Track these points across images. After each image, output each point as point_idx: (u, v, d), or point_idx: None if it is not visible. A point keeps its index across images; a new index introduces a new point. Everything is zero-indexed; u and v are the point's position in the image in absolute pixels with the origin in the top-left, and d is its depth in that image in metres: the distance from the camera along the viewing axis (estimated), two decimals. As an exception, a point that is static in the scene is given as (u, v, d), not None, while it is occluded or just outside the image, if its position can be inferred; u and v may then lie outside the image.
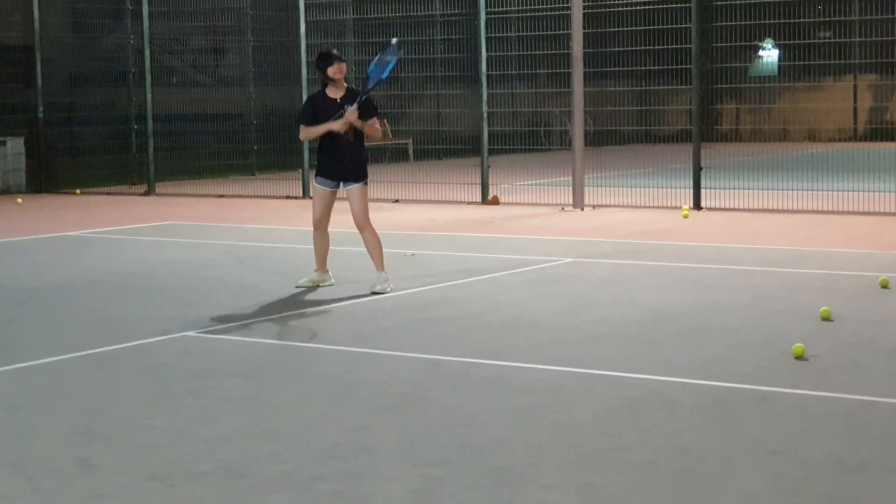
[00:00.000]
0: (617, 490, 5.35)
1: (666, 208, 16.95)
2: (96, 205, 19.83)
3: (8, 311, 10.18)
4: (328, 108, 10.48)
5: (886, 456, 5.76)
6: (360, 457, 5.90)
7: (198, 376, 7.70)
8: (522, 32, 21.11)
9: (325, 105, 10.53)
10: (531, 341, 8.49)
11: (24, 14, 22.72)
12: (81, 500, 5.33)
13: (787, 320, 9.02)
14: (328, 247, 10.91)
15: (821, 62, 22.88)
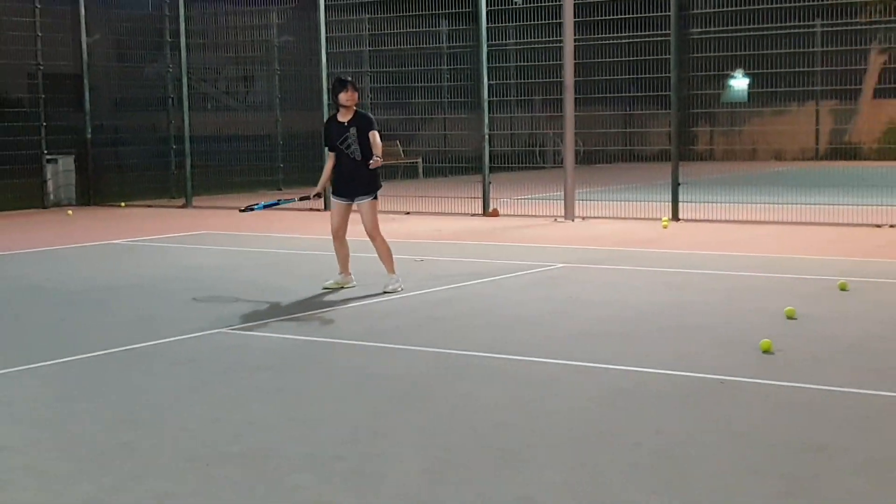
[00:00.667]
0: (605, 468, 5.36)
1: (648, 220, 16.94)
2: (139, 216, 19.85)
3: (59, 311, 10.19)
4: (338, 131, 10.59)
5: (843, 439, 5.77)
6: (376, 440, 5.91)
7: (230, 369, 7.71)
8: (520, 63, 21.13)
9: (336, 128, 10.63)
10: (528, 337, 8.50)
11: (73, 46, 22.76)
12: (124, 479, 5.33)
13: (756, 319, 9.01)
14: (348, 252, 10.93)
15: (786, 89, 22.88)
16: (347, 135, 10.49)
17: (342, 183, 10.70)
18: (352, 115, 10.57)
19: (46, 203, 21.79)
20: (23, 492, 5.18)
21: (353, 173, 10.59)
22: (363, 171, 10.53)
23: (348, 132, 10.49)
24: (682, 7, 17.43)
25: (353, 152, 10.49)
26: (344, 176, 10.66)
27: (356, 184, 10.63)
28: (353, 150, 10.49)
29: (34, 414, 6.56)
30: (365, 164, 10.47)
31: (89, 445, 5.88)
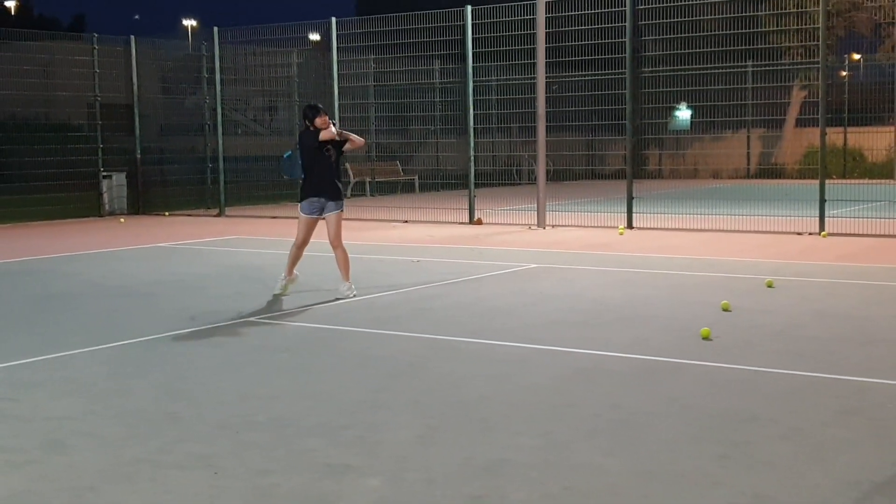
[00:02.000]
0: (570, 435, 5.35)
1: (606, 228, 16.96)
2: (180, 223, 19.81)
3: (112, 302, 10.16)
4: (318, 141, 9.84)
5: (771, 410, 5.77)
6: (377, 411, 5.90)
7: (256, 351, 7.69)
8: (500, 96, 21.16)
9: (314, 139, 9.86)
10: (505, 325, 8.49)
11: (126, 80, 22.72)
12: (169, 443, 5.32)
13: (697, 310, 9.02)
14: (300, 258, 10.17)
15: (722, 119, 22.94)
16: (328, 144, 9.86)
17: (317, 192, 9.90)
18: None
19: (102, 212, 21.74)
20: (83, 453, 5.16)
21: (326, 175, 9.87)
22: (334, 178, 9.96)
23: (328, 145, 9.88)
24: (635, 50, 17.45)
25: (332, 154, 9.89)
26: (317, 177, 9.88)
27: (329, 190, 9.89)
28: (331, 153, 9.90)
29: (93, 389, 6.53)
30: (336, 171, 9.95)
31: (139, 415, 5.87)
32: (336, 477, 4.75)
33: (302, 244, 10.13)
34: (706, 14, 18.08)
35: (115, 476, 4.80)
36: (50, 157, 21.30)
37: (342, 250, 10.09)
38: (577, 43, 18.89)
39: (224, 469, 4.88)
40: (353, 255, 13.51)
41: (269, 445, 5.25)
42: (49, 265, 13.26)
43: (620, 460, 4.94)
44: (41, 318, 9.28)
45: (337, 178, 10.10)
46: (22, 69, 21.43)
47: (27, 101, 22.78)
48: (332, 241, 10.07)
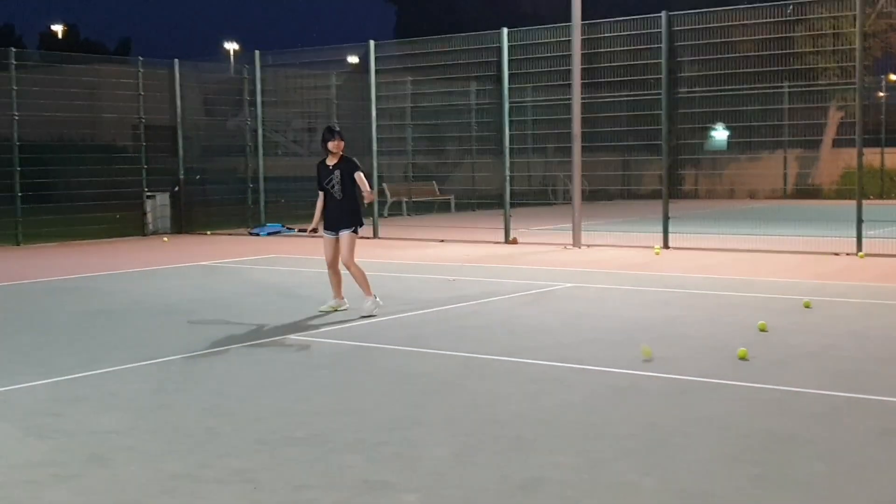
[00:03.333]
0: (606, 454, 5.32)
1: (642, 247, 16.88)
2: (221, 242, 19.97)
3: (155, 319, 10.25)
4: (325, 173, 10.33)
5: (808, 431, 5.71)
6: (414, 428, 5.90)
7: (294, 367, 7.73)
8: (536, 117, 21.17)
9: (324, 172, 10.36)
10: (540, 344, 8.47)
11: (170, 103, 22.99)
12: (209, 458, 5.35)
13: (733, 330, 8.95)
14: (341, 279, 10.46)
15: (759, 139, 22.79)
16: (332, 177, 10.26)
17: (329, 219, 10.39)
18: (338, 160, 10.29)
19: (146, 231, 21.96)
20: (125, 468, 5.20)
21: (337, 210, 10.30)
22: (345, 208, 10.29)
23: (333, 174, 10.25)
24: (671, 71, 17.41)
25: (337, 192, 10.24)
26: (330, 211, 10.36)
27: (339, 219, 10.30)
28: (336, 190, 10.25)
29: (135, 404, 6.59)
30: (346, 201, 10.26)
31: (180, 430, 5.91)
32: (374, 493, 4.76)
33: (330, 264, 10.41)
34: (742, 35, 18.01)
35: (156, 490, 4.83)
36: (95, 178, 21.58)
37: (355, 268, 10.22)
38: (613, 64, 18.87)
39: (263, 484, 4.90)
40: (391, 273, 13.58)
41: (308, 461, 5.26)
42: (94, 283, 13.41)
43: (656, 479, 4.90)
44: (85, 334, 9.38)
45: (347, 207, 10.29)
46: (69, 91, 21.76)
47: (74, 123, 23.13)
48: (343, 260, 10.25)
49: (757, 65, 18.52)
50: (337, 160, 10.32)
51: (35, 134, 22.00)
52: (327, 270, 10.48)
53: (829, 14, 18.46)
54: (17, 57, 20.37)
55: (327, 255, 10.42)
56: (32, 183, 20.51)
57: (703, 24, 17.65)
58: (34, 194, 20.54)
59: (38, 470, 5.16)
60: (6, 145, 19.92)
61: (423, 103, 23.49)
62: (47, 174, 21.77)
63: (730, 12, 17.52)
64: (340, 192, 10.26)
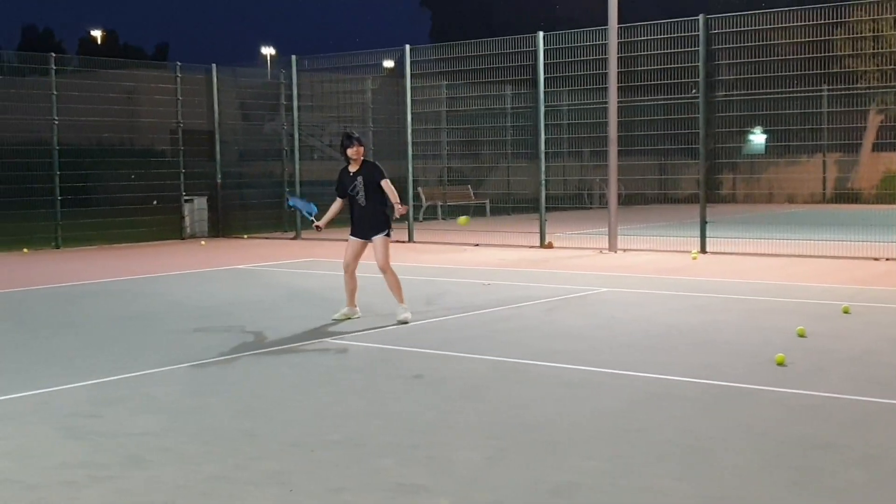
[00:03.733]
0: (639, 460, 5.30)
1: (679, 252, 16.78)
2: (257, 246, 20.10)
3: (192, 322, 10.34)
4: (349, 180, 10.11)
5: (845, 437, 5.66)
6: (447, 431, 5.91)
7: (329, 371, 7.77)
8: (571, 121, 21.13)
9: (347, 179, 10.14)
10: (574, 348, 8.46)
11: (207, 107, 23.18)
12: (245, 460, 5.39)
13: (771, 336, 8.88)
14: (356, 287, 10.26)
15: (798, 143, 22.60)
16: (356, 183, 10.03)
17: (356, 225, 10.19)
18: (359, 166, 10.07)
19: (184, 235, 22.14)
20: (162, 469, 5.26)
21: (363, 216, 10.10)
22: (371, 215, 10.11)
23: (356, 181, 10.03)
24: (708, 74, 17.30)
25: (361, 199, 10.04)
26: (357, 219, 10.17)
27: (368, 225, 10.09)
28: (360, 197, 10.03)
29: (172, 406, 6.66)
30: (371, 207, 10.05)
31: (216, 432, 5.96)
32: (407, 496, 4.77)
33: (347, 267, 10.20)
34: (780, 38, 17.86)
35: (192, 492, 4.88)
36: (134, 182, 21.80)
37: (391, 274, 10.02)
38: (650, 67, 18.79)
39: (298, 486, 4.93)
40: (426, 277, 13.61)
41: (342, 464, 5.29)
42: (132, 286, 13.55)
43: (691, 485, 4.87)
44: (123, 337, 9.48)
45: (374, 214, 10.10)
46: (108, 96, 22.01)
47: (113, 127, 23.38)
48: (379, 265, 10.05)
49: (796, 68, 18.36)
50: (358, 166, 10.09)
51: (75, 138, 22.27)
52: (343, 275, 10.24)
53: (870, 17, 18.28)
54: (57, 62, 20.64)
55: (347, 258, 10.19)
56: (72, 187, 20.76)
57: (742, 27, 17.53)
58: (73, 198, 20.79)
59: (75, 471, 5.22)
60: (46, 150, 20.19)
61: (458, 107, 23.51)
62: (86, 178, 22.02)
63: (768, 15, 17.40)
64: (364, 199, 10.07)
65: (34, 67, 21.97)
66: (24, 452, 5.58)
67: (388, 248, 10.10)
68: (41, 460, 5.43)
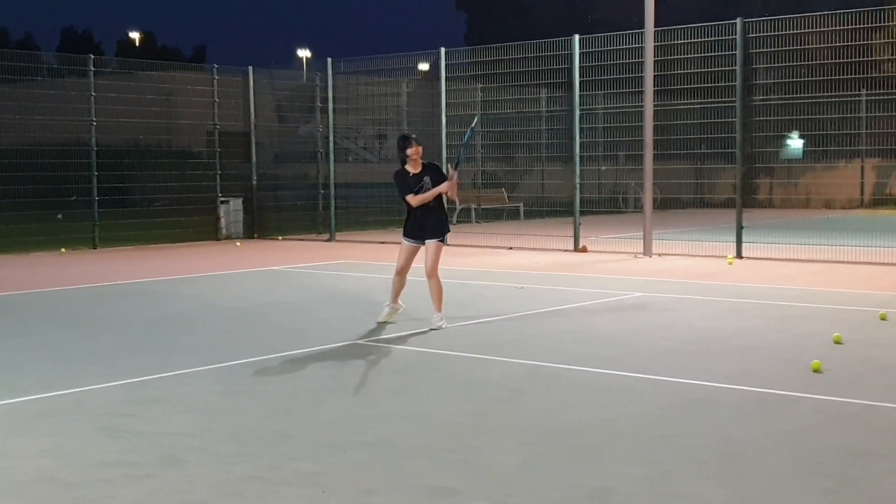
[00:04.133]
0: (677, 466, 5.26)
1: (715, 257, 16.66)
2: (292, 247, 20.18)
3: (227, 322, 10.40)
4: (414, 181, 9.74)
5: (885, 445, 5.58)
6: (482, 435, 5.89)
7: (363, 373, 7.77)
8: (607, 124, 21.04)
9: (409, 180, 9.76)
10: (610, 353, 8.41)
11: (244, 109, 23.32)
12: (279, 461, 5.41)
13: (808, 342, 8.78)
14: (404, 286, 10.10)
15: (836, 148, 22.38)
16: (423, 184, 9.69)
17: (415, 227, 9.85)
18: (421, 167, 9.79)
19: (219, 236, 22.29)
20: (196, 468, 5.28)
21: (426, 218, 9.79)
22: (435, 217, 9.81)
23: (423, 182, 9.69)
24: (745, 78, 17.17)
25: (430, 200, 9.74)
26: (417, 221, 9.82)
27: (428, 227, 9.80)
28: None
29: (207, 406, 6.69)
30: (437, 209, 9.82)
31: (250, 432, 5.98)
32: (441, 499, 4.76)
33: (401, 271, 10.04)
34: (819, 42, 17.69)
35: (226, 492, 4.90)
36: (171, 183, 21.97)
37: (436, 280, 9.82)
38: (686, 71, 18.67)
39: (330, 487, 4.93)
40: (459, 280, 13.60)
41: (376, 465, 5.29)
42: (168, 286, 13.65)
43: (728, 492, 4.83)
44: (159, 337, 9.55)
45: (437, 216, 9.86)
46: (145, 98, 22.21)
47: (150, 129, 23.59)
48: (427, 269, 9.84)
49: (834, 72, 18.17)
50: (420, 167, 9.79)
51: (112, 139, 22.48)
52: (394, 277, 10.08)
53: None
54: (96, 63, 20.84)
55: (401, 264, 9.97)
56: (109, 187, 20.96)
57: (779, 31, 17.38)
58: (111, 198, 20.99)
59: (111, 469, 5.26)
60: (84, 150, 20.40)
61: (493, 110, 23.49)
62: (124, 179, 22.22)
63: (806, 19, 17.23)
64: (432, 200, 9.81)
65: (73, 69, 22.21)
66: (62, 450, 5.63)
67: (439, 255, 9.88)
68: (78, 458, 5.47)
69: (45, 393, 7.06)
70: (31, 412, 6.53)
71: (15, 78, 20.67)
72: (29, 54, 21.53)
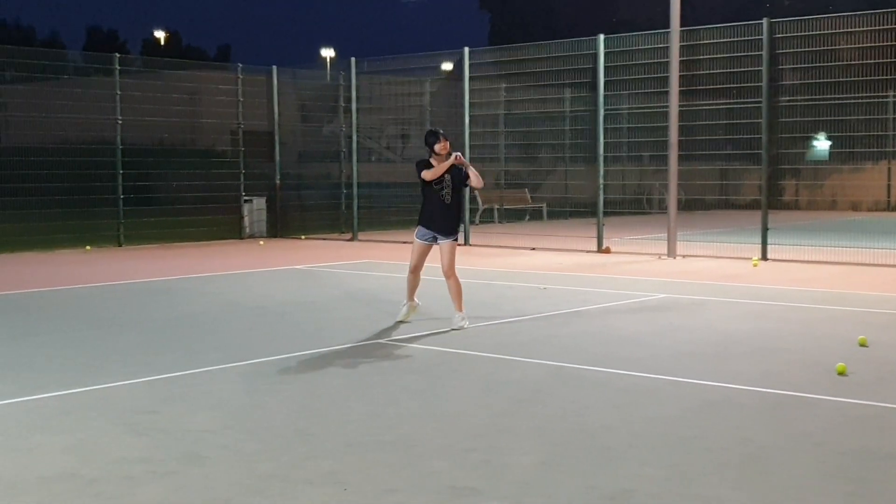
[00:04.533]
0: (696, 468, 5.27)
1: (740, 259, 16.60)
2: (315, 247, 20.26)
3: (249, 321, 10.46)
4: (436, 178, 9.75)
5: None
6: (502, 435, 5.92)
7: (385, 372, 7.81)
8: (631, 124, 21.00)
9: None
10: (632, 355, 8.41)
11: (268, 109, 23.43)
12: (300, 459, 5.45)
13: (831, 345, 8.75)
14: (418, 283, 10.11)
15: (862, 150, 22.24)
16: (443, 180, 9.72)
17: (428, 223, 9.84)
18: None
19: (242, 235, 22.39)
20: (219, 466, 5.33)
21: (442, 215, 9.77)
22: (451, 216, 9.81)
23: (444, 178, 9.71)
24: (772, 79, 17.09)
25: (446, 196, 9.75)
26: (432, 217, 9.81)
27: (441, 226, 9.79)
28: (445, 195, 9.74)
29: (229, 404, 6.75)
30: (454, 208, 9.78)
31: (272, 431, 6.03)
32: (460, 499, 4.79)
33: (414, 269, 10.05)
34: (846, 43, 17.59)
35: (248, 489, 4.94)
36: (195, 181, 22.10)
37: (454, 280, 9.83)
38: (712, 71, 18.61)
39: (352, 486, 4.97)
40: (482, 280, 13.62)
41: (396, 465, 5.32)
42: (191, 285, 13.75)
43: (748, 494, 4.83)
44: (183, 334, 9.63)
45: (450, 214, 9.84)
46: (170, 97, 22.36)
47: (175, 128, 23.75)
48: (444, 269, 9.84)
49: (861, 73, 18.06)
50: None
51: (137, 138, 22.66)
52: (408, 275, 10.09)
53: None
54: (121, 62, 21.00)
55: (414, 262, 10.00)
56: (134, 186, 21.11)
57: (806, 31, 17.29)
58: (136, 197, 21.15)
59: (133, 466, 5.32)
60: (110, 149, 20.56)
61: (516, 110, 23.49)
62: (148, 177, 22.38)
63: (833, 19, 17.14)
64: (450, 198, 9.80)
65: (99, 67, 22.39)
66: (85, 447, 5.70)
67: (454, 254, 9.88)
68: (101, 455, 5.54)
69: (69, 390, 7.14)
70: (55, 409, 6.61)
71: (41, 76, 20.89)
72: (55, 53, 21.71)
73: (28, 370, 7.89)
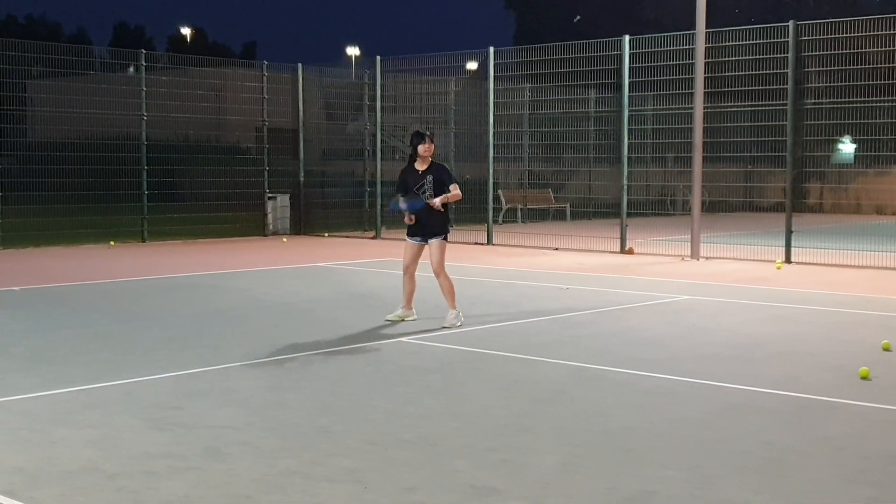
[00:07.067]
0: (718, 471, 5.24)
1: (763, 261, 16.51)
2: (338, 244, 20.31)
3: (273, 318, 10.50)
4: (414, 178, 9.93)
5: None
6: (522, 435, 5.91)
7: (406, 371, 7.82)
8: (656, 126, 20.93)
9: (413, 176, 9.95)
10: (654, 356, 8.38)
11: (292, 106, 23.50)
12: (321, 456, 5.47)
13: (855, 349, 8.69)
14: (414, 289, 10.17)
15: (888, 153, 22.05)
16: (424, 182, 9.84)
17: (416, 225, 9.97)
18: (428, 165, 9.91)
19: (266, 232, 22.46)
20: (240, 462, 5.36)
21: (426, 217, 9.89)
22: (435, 215, 9.89)
23: (425, 179, 9.84)
24: (797, 81, 16.99)
25: (428, 198, 9.83)
26: (419, 219, 9.94)
27: (429, 226, 9.92)
28: (427, 196, 9.82)
29: (251, 400, 6.77)
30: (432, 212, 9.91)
31: (293, 427, 6.05)
32: (480, 498, 4.79)
33: (407, 269, 10.13)
34: (872, 46, 17.45)
35: (269, 486, 4.96)
36: (219, 178, 22.20)
37: (444, 278, 9.93)
38: (737, 73, 18.51)
39: (372, 484, 4.98)
40: (505, 280, 13.61)
41: (417, 463, 5.33)
42: (215, 281, 13.81)
43: (769, 498, 4.80)
44: (206, 330, 9.68)
45: (438, 214, 9.92)
46: (196, 93, 22.46)
47: (200, 124, 23.85)
48: (434, 267, 9.95)
49: (887, 77, 17.92)
50: (427, 165, 9.93)
51: (162, 134, 22.77)
52: (403, 277, 10.17)
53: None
54: (147, 59, 21.12)
55: (406, 261, 10.12)
56: (159, 182, 21.23)
57: (832, 34, 17.17)
58: (160, 193, 21.26)
59: (156, 461, 5.35)
60: (135, 144, 20.68)
61: (541, 110, 23.45)
62: (173, 174, 22.49)
63: (860, 22, 17.01)
64: (431, 198, 9.87)
65: (125, 63, 22.52)
66: (108, 441, 5.74)
67: (443, 252, 10.01)
68: (123, 449, 5.58)
69: (93, 384, 7.19)
70: (79, 403, 6.66)
71: (68, 72, 21.03)
72: (82, 49, 21.83)
73: (52, 364, 7.95)
